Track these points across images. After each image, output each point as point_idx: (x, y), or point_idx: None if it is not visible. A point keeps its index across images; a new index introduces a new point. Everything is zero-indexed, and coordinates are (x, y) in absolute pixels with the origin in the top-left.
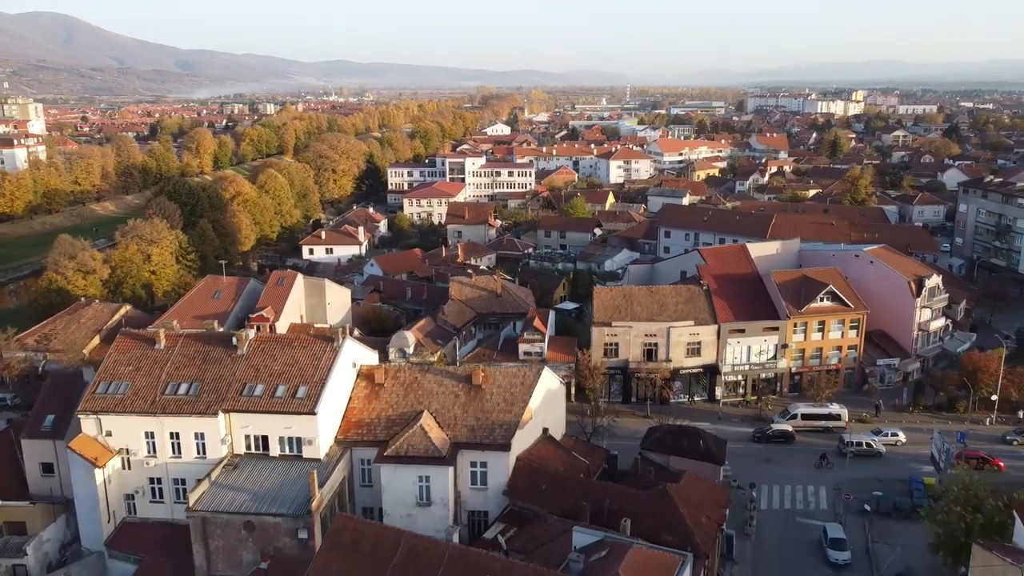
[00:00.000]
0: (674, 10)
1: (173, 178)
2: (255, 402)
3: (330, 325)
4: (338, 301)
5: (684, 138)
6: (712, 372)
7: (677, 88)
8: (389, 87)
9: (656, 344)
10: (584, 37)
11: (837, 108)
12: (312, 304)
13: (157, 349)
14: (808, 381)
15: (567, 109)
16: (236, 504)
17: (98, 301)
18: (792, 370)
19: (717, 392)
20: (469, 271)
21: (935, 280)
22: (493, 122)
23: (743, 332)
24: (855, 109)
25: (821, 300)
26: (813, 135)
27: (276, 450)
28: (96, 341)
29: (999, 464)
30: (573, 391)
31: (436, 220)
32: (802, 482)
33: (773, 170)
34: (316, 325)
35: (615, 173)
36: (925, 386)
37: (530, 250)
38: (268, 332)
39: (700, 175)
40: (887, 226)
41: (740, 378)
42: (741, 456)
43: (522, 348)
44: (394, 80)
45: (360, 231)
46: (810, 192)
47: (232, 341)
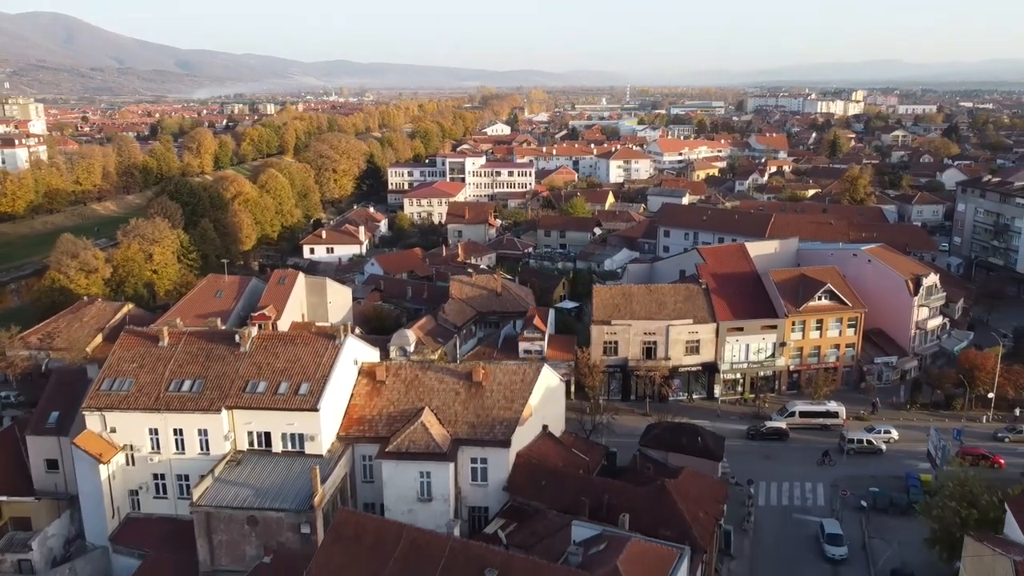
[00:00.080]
0: (674, 10)
1: (174, 178)
2: (258, 399)
3: (331, 324)
4: (339, 300)
5: (684, 138)
6: (711, 370)
7: (677, 88)
8: (389, 87)
9: (655, 342)
10: (584, 37)
11: (837, 108)
12: (313, 303)
13: (161, 346)
14: (806, 379)
15: (567, 109)
16: (239, 499)
17: (100, 300)
18: (790, 368)
19: (716, 390)
20: (469, 270)
21: (932, 279)
22: (493, 122)
23: (742, 330)
24: (855, 109)
25: (819, 299)
26: (813, 135)
27: (279, 446)
28: (99, 339)
29: (999, 461)
30: (573, 389)
31: (436, 220)
32: (800, 479)
33: (772, 170)
34: (317, 324)
35: (615, 173)
36: (922, 384)
37: (530, 249)
38: (270, 330)
39: (700, 175)
40: (885, 225)
41: (739, 376)
42: (739, 453)
43: (522, 346)
44: (394, 80)
45: (361, 231)
46: (809, 192)
47: (235, 339)
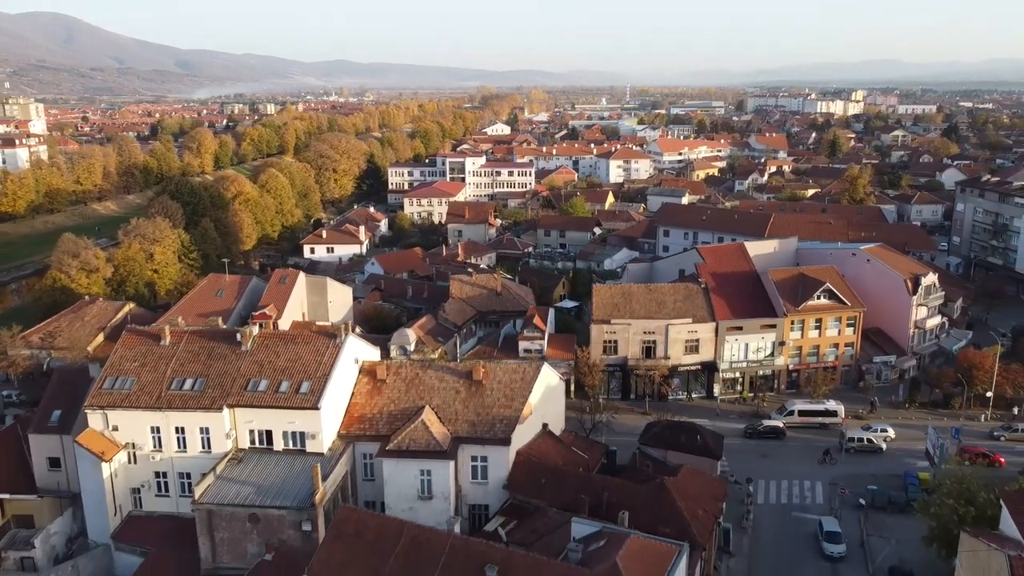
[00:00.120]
0: (674, 10)
1: (175, 177)
2: (259, 397)
3: (332, 323)
4: (340, 299)
5: (684, 138)
6: (710, 369)
7: (677, 88)
8: (389, 87)
9: (655, 341)
10: (584, 37)
11: (837, 108)
12: (314, 302)
13: (162, 345)
14: (805, 378)
15: (567, 109)
16: (241, 497)
17: (102, 299)
18: (789, 367)
19: (715, 389)
20: (469, 270)
21: (931, 278)
22: (493, 122)
23: (741, 329)
24: (855, 109)
25: (818, 298)
26: (812, 135)
27: (280, 444)
28: (100, 338)
29: (1000, 460)
30: (572, 388)
31: (436, 219)
32: (798, 477)
33: (772, 170)
34: (318, 323)
35: (615, 173)
36: (921, 383)
37: (530, 249)
38: (271, 329)
39: (699, 175)
40: (884, 225)
41: (738, 375)
42: (738, 452)
43: (522, 345)
44: (394, 80)
45: (361, 230)
46: (809, 192)
47: (236, 337)
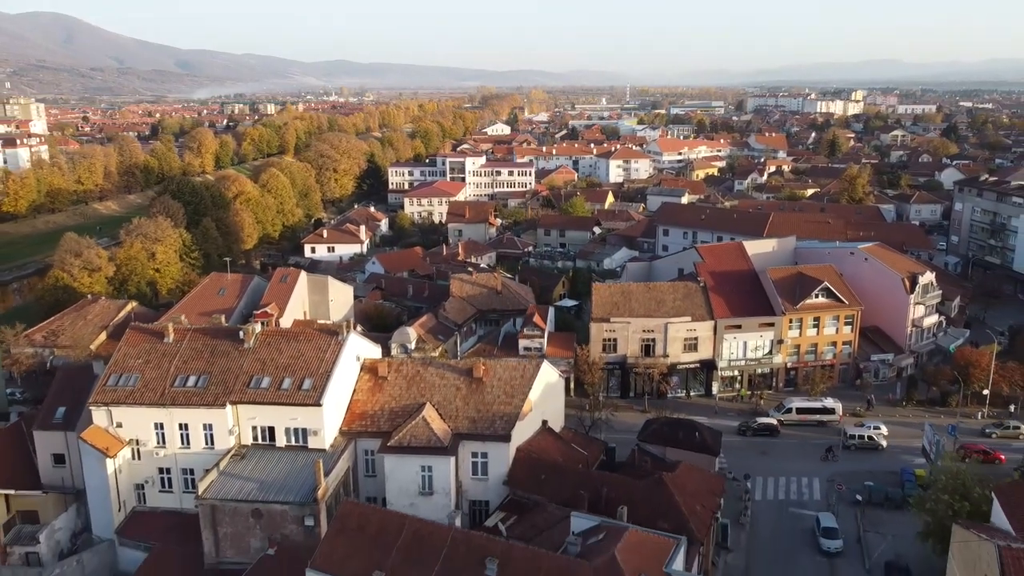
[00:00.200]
0: (674, 10)
1: (177, 177)
2: (262, 394)
3: (333, 321)
4: (341, 298)
5: (683, 138)
6: (709, 367)
7: (677, 88)
8: (389, 87)
9: (654, 340)
10: (584, 37)
11: (836, 108)
12: (315, 301)
13: (166, 343)
14: (803, 376)
15: (567, 109)
16: (244, 492)
17: (104, 298)
18: (787, 365)
19: (714, 387)
20: (470, 269)
21: (928, 277)
22: (493, 122)
23: (739, 328)
24: (854, 109)
25: (816, 296)
26: (812, 135)
27: (282, 441)
28: (103, 337)
29: (1000, 457)
30: (572, 386)
31: (437, 219)
32: (796, 474)
33: (772, 169)
34: (319, 321)
35: (614, 172)
36: (918, 381)
37: (530, 248)
38: (274, 327)
39: (699, 174)
40: (883, 224)
41: (736, 373)
42: (736, 448)
43: (522, 344)
44: (394, 80)
45: (361, 230)
46: (808, 191)
47: (239, 335)
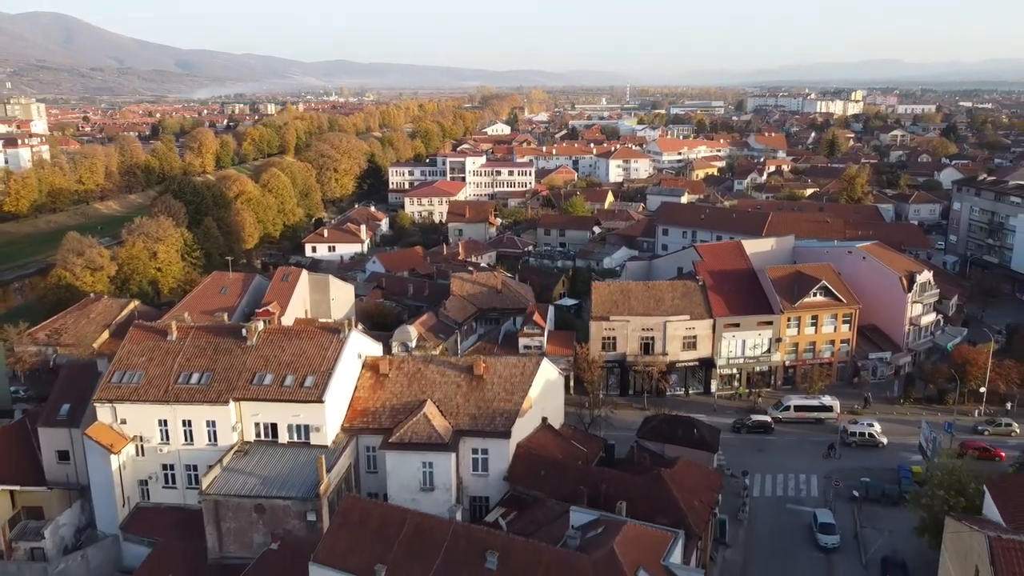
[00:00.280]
0: (674, 10)
1: (178, 177)
2: (264, 391)
3: (334, 320)
4: (342, 296)
5: (683, 138)
6: (707, 365)
7: (677, 88)
8: (389, 87)
9: (653, 338)
10: (584, 37)
11: (836, 108)
12: (316, 299)
13: (169, 340)
14: (801, 374)
15: (567, 109)
16: (247, 488)
17: (106, 297)
18: (786, 363)
19: (712, 385)
20: (470, 268)
21: (926, 276)
22: (493, 122)
23: (738, 326)
24: (854, 109)
25: (814, 295)
26: (812, 135)
27: (285, 437)
28: (105, 335)
29: (1000, 455)
30: (572, 384)
31: (437, 218)
32: (793, 470)
33: (771, 169)
34: (320, 320)
35: (614, 172)
36: (915, 379)
37: (530, 248)
38: (276, 324)
39: (699, 174)
40: (881, 224)
41: (735, 371)
42: (734, 445)
43: (522, 342)
44: (394, 80)
45: (362, 229)
46: (807, 191)
47: (242, 332)
